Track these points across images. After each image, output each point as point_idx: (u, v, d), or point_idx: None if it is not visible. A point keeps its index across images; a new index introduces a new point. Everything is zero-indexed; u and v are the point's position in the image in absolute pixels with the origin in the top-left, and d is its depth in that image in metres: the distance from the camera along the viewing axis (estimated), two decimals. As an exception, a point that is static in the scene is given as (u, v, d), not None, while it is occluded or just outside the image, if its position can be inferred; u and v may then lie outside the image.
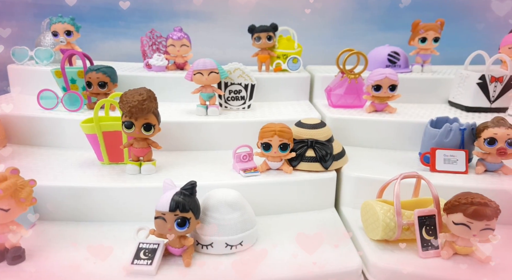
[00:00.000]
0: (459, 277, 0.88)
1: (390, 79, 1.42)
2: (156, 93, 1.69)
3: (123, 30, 2.29)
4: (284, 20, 2.08)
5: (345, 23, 2.25)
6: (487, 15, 1.84)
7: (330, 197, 1.24)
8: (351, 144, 1.48)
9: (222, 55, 1.82)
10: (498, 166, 1.17)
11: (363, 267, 0.97)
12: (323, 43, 2.18)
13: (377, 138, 1.45)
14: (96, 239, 1.01)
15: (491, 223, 0.86)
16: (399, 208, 0.95)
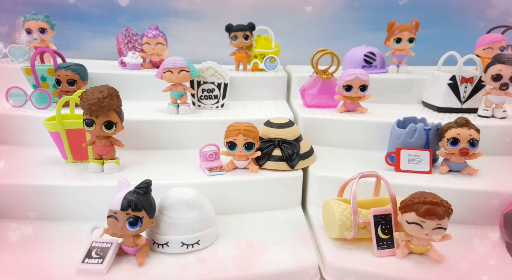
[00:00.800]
0: (412, 276, 0.88)
1: (360, 80, 1.43)
2: (129, 91, 1.71)
3: (113, 29, 2.26)
4: (275, 20, 2.08)
5: (335, 23, 2.26)
6: (483, 15, 1.85)
7: (296, 196, 1.25)
8: (322, 143, 1.48)
9: (213, 54, 1.83)
10: (462, 166, 1.18)
11: (320, 266, 0.98)
12: (313, 43, 2.18)
13: (348, 138, 1.45)
14: (55, 237, 1.00)
15: (443, 222, 0.86)
16: (355, 207, 0.95)
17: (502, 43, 1.67)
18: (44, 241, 0.98)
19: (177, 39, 2.40)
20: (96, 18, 2.17)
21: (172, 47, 2.12)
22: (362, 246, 0.98)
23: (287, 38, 1.98)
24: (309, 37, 2.27)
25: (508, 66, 1.32)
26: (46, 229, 1.04)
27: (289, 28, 2.17)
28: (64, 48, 2.14)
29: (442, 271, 0.90)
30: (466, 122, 1.13)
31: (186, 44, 2.06)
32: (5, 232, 1.01)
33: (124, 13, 2.16)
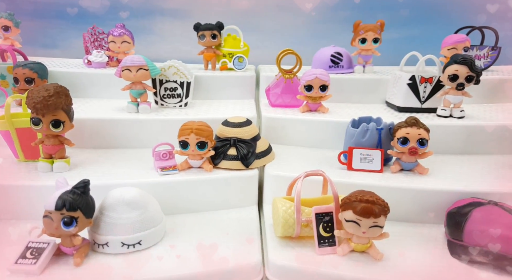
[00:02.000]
0: (350, 274, 0.89)
1: (320, 80, 1.44)
2: (93, 90, 1.70)
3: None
4: (259, 19, 2.08)
5: (321, 23, 2.27)
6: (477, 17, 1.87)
7: (252, 195, 1.25)
8: (284, 143, 1.49)
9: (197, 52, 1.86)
10: (413, 165, 1.20)
11: (263, 264, 0.98)
12: (300, 43, 2.18)
13: (308, 137, 1.46)
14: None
15: (379, 221, 0.87)
16: (298, 205, 0.96)
17: (466, 43, 1.69)
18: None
19: (162, 38, 2.40)
20: (81, 17, 2.16)
21: (158, 45, 2.10)
22: (307, 244, 0.99)
23: (273, 38, 1.97)
24: (296, 37, 2.26)
25: (464, 66, 1.34)
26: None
27: (275, 28, 2.17)
28: (50, 46, 2.13)
29: (380, 269, 0.91)
30: (415, 122, 1.14)
31: (171, 43, 2.05)
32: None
33: (109, 12, 2.15)
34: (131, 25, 1.75)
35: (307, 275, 0.90)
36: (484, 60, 1.84)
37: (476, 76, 1.34)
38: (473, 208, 0.95)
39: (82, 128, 1.39)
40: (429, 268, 0.91)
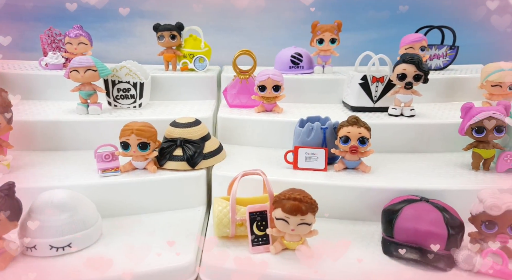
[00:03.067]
0: (281, 273, 0.90)
1: (273, 80, 1.44)
2: (48, 92, 1.67)
3: None
4: (240, 20, 2.07)
5: (300, 24, 2.26)
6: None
7: (200, 195, 1.25)
8: (239, 143, 1.50)
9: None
10: (356, 164, 1.21)
11: (198, 265, 0.97)
12: (279, 43, 2.19)
13: (262, 137, 1.47)
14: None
15: (306, 218, 0.88)
16: (233, 205, 0.96)
17: (423, 43, 1.72)
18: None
19: (142, 40, 2.38)
20: (61, 19, 2.13)
21: (138, 48, 2.09)
22: (243, 243, 0.99)
23: (253, 39, 1.97)
24: (276, 38, 2.25)
25: (411, 65, 1.36)
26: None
27: (256, 29, 2.17)
28: (29, 50, 2.10)
29: (311, 266, 0.91)
30: (356, 121, 1.15)
31: (152, 44, 2.04)
32: None
33: (88, 14, 2.13)
34: (111, 28, 1.73)
35: (240, 274, 0.90)
36: (443, 59, 1.88)
37: (424, 75, 1.37)
38: (405, 205, 0.96)
39: (32, 130, 1.38)
40: (359, 265, 0.92)
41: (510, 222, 0.87)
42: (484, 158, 1.19)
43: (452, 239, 0.88)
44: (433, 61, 1.86)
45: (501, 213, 0.86)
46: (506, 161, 1.16)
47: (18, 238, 0.92)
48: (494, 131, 1.13)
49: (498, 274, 0.84)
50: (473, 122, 1.14)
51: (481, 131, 1.14)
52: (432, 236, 0.88)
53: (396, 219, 0.94)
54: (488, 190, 0.91)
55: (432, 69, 1.86)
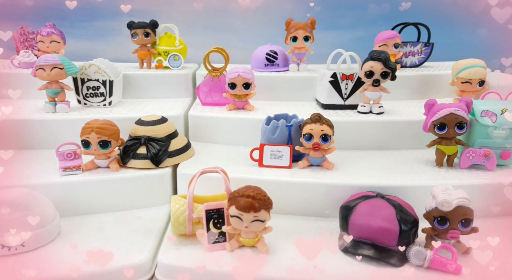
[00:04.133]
0: (236, 269, 0.89)
1: (243, 78, 1.44)
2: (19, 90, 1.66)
3: (67, 30, 2.26)
4: (227, 18, 2.06)
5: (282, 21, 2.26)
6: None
7: (165, 193, 1.24)
8: (210, 141, 1.49)
9: None
10: (320, 161, 1.21)
11: (154, 263, 0.97)
12: (268, 41, 2.20)
13: (232, 135, 1.47)
14: None
15: (260, 215, 0.88)
16: (190, 203, 0.96)
17: (396, 40, 1.72)
18: None
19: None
20: (48, 19, 2.11)
21: (127, 46, 2.08)
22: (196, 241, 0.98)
23: (242, 37, 1.96)
24: (265, 36, 2.20)
25: (378, 62, 1.36)
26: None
27: (244, 27, 2.16)
28: (12, 48, 2.09)
29: (264, 263, 0.91)
30: (319, 118, 1.15)
31: None
32: None
33: (76, 13, 2.11)
34: (100, 27, 1.71)
35: (194, 272, 0.90)
36: (418, 56, 1.88)
37: (391, 72, 1.37)
38: (360, 202, 0.96)
39: None
40: (312, 262, 0.92)
41: (461, 218, 0.87)
42: (447, 154, 1.19)
43: (404, 235, 0.88)
44: (408, 58, 1.86)
45: (451, 209, 0.86)
46: (468, 158, 1.16)
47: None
48: (456, 128, 1.13)
49: (447, 269, 0.85)
50: (435, 118, 1.15)
51: (443, 127, 1.14)
52: (384, 232, 0.88)
53: (351, 216, 0.94)
54: (441, 186, 0.91)
55: (408, 66, 1.86)
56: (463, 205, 0.86)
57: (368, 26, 2.11)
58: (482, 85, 1.50)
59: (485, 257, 0.90)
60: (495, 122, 1.14)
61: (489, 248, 0.94)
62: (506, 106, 1.16)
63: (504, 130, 1.15)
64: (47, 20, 2.06)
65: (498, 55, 2.11)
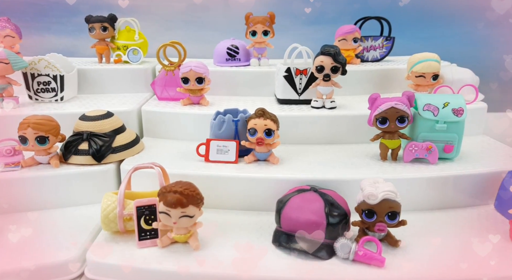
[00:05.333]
0: (164, 266, 0.89)
1: (195, 72, 1.42)
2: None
3: (46, 25, 2.23)
4: (209, 14, 2.03)
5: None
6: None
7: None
8: (163, 136, 1.48)
9: (148, 49, 1.84)
10: (266, 155, 1.21)
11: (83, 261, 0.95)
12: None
13: (185, 131, 1.45)
14: None
15: (188, 211, 0.87)
16: (121, 199, 0.95)
17: (355, 34, 1.72)
18: None
19: None
20: (27, 14, 2.07)
21: None
22: (134, 238, 0.97)
23: (223, 33, 1.95)
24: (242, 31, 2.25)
25: (328, 57, 1.35)
26: None
27: (226, 23, 2.14)
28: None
29: (194, 258, 0.90)
30: (262, 113, 1.15)
31: None
32: None
33: (56, 9, 2.07)
34: (80, 22, 1.71)
35: (123, 269, 0.89)
36: (380, 50, 1.88)
37: (341, 66, 1.37)
38: (293, 195, 0.96)
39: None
40: (243, 256, 0.92)
41: (387, 211, 0.88)
42: (391, 148, 1.20)
43: (331, 228, 0.89)
44: (370, 52, 1.86)
45: (377, 201, 0.87)
46: (411, 151, 1.17)
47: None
48: (397, 122, 1.13)
49: (371, 262, 0.86)
50: (377, 113, 1.15)
51: (385, 121, 1.14)
52: (312, 225, 0.88)
53: (283, 209, 0.94)
54: (370, 180, 0.91)
55: (370, 60, 1.87)
56: (389, 198, 0.87)
57: (353, 21, 2.12)
58: (436, 79, 1.51)
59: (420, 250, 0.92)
60: (437, 115, 1.15)
61: (427, 241, 0.96)
62: (449, 100, 1.17)
63: (446, 124, 1.16)
64: (25, 15, 2.02)
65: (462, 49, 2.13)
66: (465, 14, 2.09)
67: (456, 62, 1.86)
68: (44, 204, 1.14)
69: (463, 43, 2.16)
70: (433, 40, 2.15)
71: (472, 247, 0.95)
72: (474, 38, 2.15)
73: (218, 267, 0.88)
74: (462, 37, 2.16)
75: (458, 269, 0.87)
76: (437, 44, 2.14)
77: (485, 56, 2.09)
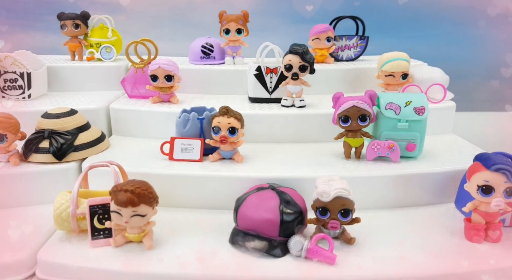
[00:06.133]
0: (116, 265, 0.87)
1: (164, 70, 1.41)
2: None
3: (31, 23, 2.21)
4: (195, 14, 2.02)
5: (258, 16, 2.20)
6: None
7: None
8: (132, 134, 1.46)
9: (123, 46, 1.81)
10: (231, 154, 1.20)
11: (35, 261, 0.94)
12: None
13: (154, 129, 1.43)
14: None
15: (139, 210, 0.86)
16: (74, 198, 0.93)
17: (328, 33, 1.72)
18: None
19: None
20: (12, 11, 2.03)
21: None
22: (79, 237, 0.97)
23: (208, 31, 1.94)
24: None
25: (296, 56, 1.36)
26: None
27: (211, 21, 2.13)
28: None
29: (151, 258, 0.90)
30: (226, 111, 1.14)
31: None
32: None
33: (41, 7, 2.04)
34: None
35: (75, 269, 0.88)
36: (354, 49, 1.89)
37: (309, 65, 1.37)
38: (251, 194, 0.96)
39: None
40: (197, 255, 0.91)
41: (340, 208, 0.88)
42: (353, 146, 1.20)
43: (285, 226, 0.89)
44: (344, 52, 1.87)
45: (330, 199, 0.87)
46: (373, 150, 1.18)
47: None
48: (358, 120, 1.14)
49: (322, 259, 0.86)
50: (340, 111, 1.15)
51: (347, 120, 1.15)
52: (266, 223, 0.88)
53: (240, 207, 0.94)
54: (325, 177, 0.92)
55: (344, 60, 1.87)
56: (342, 195, 0.87)
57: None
58: (405, 78, 1.52)
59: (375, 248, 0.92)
60: (398, 114, 1.16)
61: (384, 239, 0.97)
62: (411, 99, 1.18)
63: (408, 123, 1.17)
64: (9, 12, 1.98)
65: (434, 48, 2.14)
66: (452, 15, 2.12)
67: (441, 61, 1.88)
68: (3, 202, 1.12)
69: (449, 43, 2.20)
70: (419, 39, 2.18)
71: (426, 245, 0.95)
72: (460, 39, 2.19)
73: (167, 266, 0.87)
74: (448, 37, 2.19)
75: (408, 266, 0.87)
76: (423, 44, 2.16)
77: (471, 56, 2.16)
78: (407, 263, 0.88)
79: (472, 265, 0.88)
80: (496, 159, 0.90)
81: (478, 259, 0.91)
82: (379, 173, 1.13)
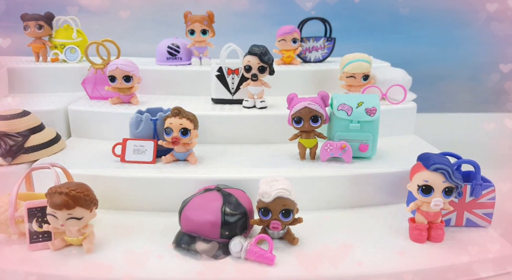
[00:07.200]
0: (52, 269, 0.86)
1: (122, 70, 1.40)
2: None
3: (13, 25, 2.15)
4: (178, 14, 2.01)
5: (242, 18, 2.19)
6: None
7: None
8: (92, 136, 1.44)
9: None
10: (185, 155, 1.19)
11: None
12: (220, 38, 2.14)
13: (112, 131, 1.41)
14: None
15: (74, 212, 0.84)
16: (12, 201, 0.91)
17: (294, 35, 1.72)
18: None
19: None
20: None
21: None
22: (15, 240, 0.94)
23: None
24: (217, 32, 2.23)
25: (254, 57, 1.35)
26: None
27: None
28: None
29: (83, 261, 0.88)
30: (178, 112, 1.13)
31: (93, 37, 1.97)
32: None
33: (24, 9, 2.00)
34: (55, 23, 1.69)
35: (11, 273, 0.86)
36: (322, 51, 1.90)
37: (268, 66, 1.37)
38: (196, 195, 0.95)
39: None
40: (136, 258, 0.90)
41: (281, 208, 0.87)
42: (307, 147, 1.20)
43: (227, 227, 0.88)
44: (312, 53, 1.88)
45: (271, 199, 0.87)
46: (326, 150, 1.18)
47: None
48: (311, 121, 1.14)
49: (261, 260, 0.85)
50: (293, 112, 1.15)
51: (299, 121, 1.15)
52: (206, 224, 0.87)
53: (183, 210, 0.93)
54: (268, 178, 0.91)
55: (312, 61, 1.88)
56: (283, 196, 0.87)
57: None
58: (366, 79, 1.54)
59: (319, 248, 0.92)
60: (350, 115, 1.17)
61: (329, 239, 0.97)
62: (363, 100, 1.19)
63: (360, 123, 1.17)
64: None
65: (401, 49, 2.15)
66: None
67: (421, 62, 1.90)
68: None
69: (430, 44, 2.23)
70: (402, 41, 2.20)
71: (370, 245, 0.96)
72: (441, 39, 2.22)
73: (103, 270, 0.85)
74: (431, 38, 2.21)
75: (347, 265, 0.87)
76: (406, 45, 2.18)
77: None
78: (347, 262, 0.88)
79: (407, 265, 0.88)
80: (436, 159, 0.91)
81: (413, 258, 0.91)
82: (331, 173, 1.13)
